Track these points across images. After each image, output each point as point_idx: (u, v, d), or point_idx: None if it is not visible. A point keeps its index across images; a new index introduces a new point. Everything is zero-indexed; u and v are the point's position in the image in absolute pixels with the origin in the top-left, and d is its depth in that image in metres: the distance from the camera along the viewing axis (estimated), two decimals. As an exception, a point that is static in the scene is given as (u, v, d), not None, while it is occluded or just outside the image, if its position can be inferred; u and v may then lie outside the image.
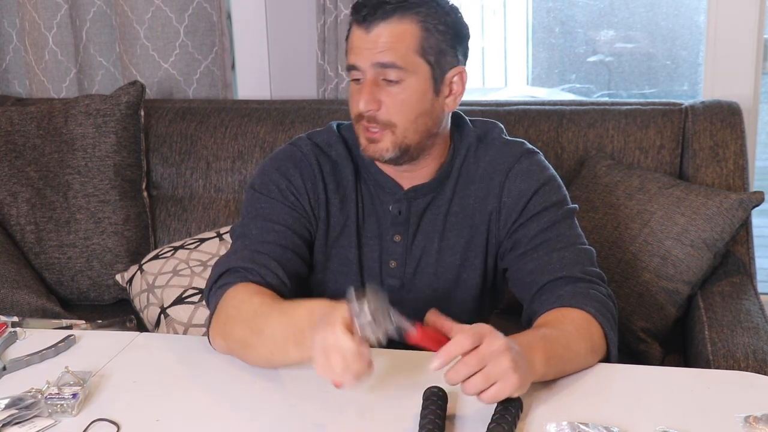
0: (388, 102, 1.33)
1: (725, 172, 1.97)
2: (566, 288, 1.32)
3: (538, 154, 1.45)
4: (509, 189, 1.41)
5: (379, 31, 1.31)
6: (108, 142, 2.22)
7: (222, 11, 2.49)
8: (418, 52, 1.32)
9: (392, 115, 1.33)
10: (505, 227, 1.41)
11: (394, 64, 1.31)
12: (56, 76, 2.61)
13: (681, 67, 3.24)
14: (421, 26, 1.32)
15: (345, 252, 1.45)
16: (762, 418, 1.07)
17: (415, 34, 1.32)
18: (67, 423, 1.14)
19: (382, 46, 1.31)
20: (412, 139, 1.35)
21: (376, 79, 1.32)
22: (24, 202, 2.23)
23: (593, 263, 1.39)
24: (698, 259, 1.80)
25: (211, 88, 2.54)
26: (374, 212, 1.44)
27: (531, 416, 1.11)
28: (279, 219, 1.40)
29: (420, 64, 1.33)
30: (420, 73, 1.33)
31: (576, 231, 1.41)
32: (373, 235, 1.44)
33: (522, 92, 3.60)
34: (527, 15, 3.77)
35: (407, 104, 1.33)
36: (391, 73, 1.31)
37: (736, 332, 1.59)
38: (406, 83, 1.32)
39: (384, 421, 1.09)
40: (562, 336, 1.23)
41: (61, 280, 2.23)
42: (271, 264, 1.35)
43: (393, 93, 1.32)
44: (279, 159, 1.45)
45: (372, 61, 1.31)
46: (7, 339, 1.38)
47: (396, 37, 1.31)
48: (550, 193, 1.41)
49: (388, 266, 1.45)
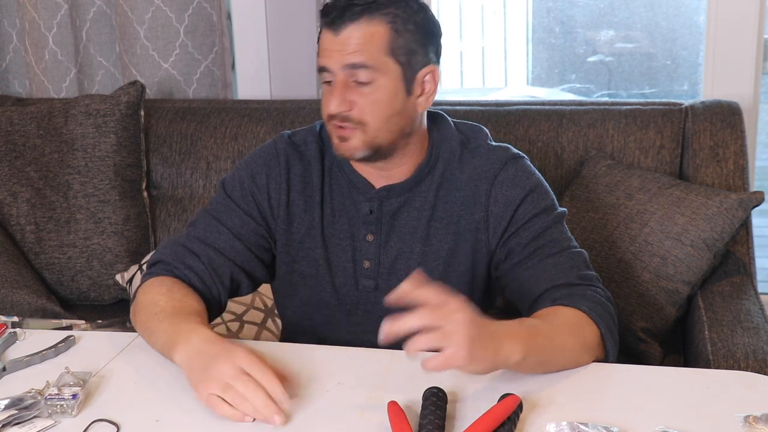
0: (360, 102, 1.33)
1: (725, 172, 1.97)
2: (563, 291, 1.33)
3: (524, 158, 1.44)
4: (495, 197, 1.40)
5: (348, 32, 1.31)
6: (108, 142, 2.22)
7: (222, 11, 2.49)
8: (388, 53, 1.32)
9: (364, 115, 1.34)
10: (495, 236, 1.40)
11: (363, 65, 1.31)
12: (56, 76, 2.61)
13: (681, 67, 3.25)
14: (390, 27, 1.32)
15: (311, 253, 1.45)
16: (762, 418, 1.07)
17: (384, 35, 1.31)
18: (67, 423, 1.13)
19: (351, 48, 1.31)
20: (383, 138, 1.35)
21: (347, 81, 1.33)
22: (24, 202, 2.23)
23: (588, 266, 1.39)
24: (698, 259, 1.80)
25: (211, 88, 2.54)
26: (346, 212, 1.44)
27: (531, 416, 1.11)
28: (228, 222, 1.45)
29: (390, 64, 1.33)
30: (390, 74, 1.33)
31: (566, 235, 1.41)
32: (345, 236, 1.44)
33: (522, 92, 3.61)
34: (527, 15, 3.77)
35: (379, 104, 1.33)
36: (361, 74, 1.32)
37: (736, 332, 1.59)
38: (377, 84, 1.32)
39: (384, 421, 1.09)
40: (547, 328, 1.22)
41: (61, 280, 2.23)
42: (198, 267, 1.41)
43: (364, 93, 1.33)
44: (255, 155, 1.48)
45: (342, 63, 1.32)
46: (7, 339, 1.38)
47: (365, 38, 1.31)
48: (539, 200, 1.40)
49: (362, 266, 1.44)
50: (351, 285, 1.44)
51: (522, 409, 1.10)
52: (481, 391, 1.18)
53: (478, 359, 1.09)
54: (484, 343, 1.10)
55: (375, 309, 1.44)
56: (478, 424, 1.05)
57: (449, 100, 2.32)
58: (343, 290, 1.45)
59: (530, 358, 1.17)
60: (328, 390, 1.19)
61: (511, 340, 1.15)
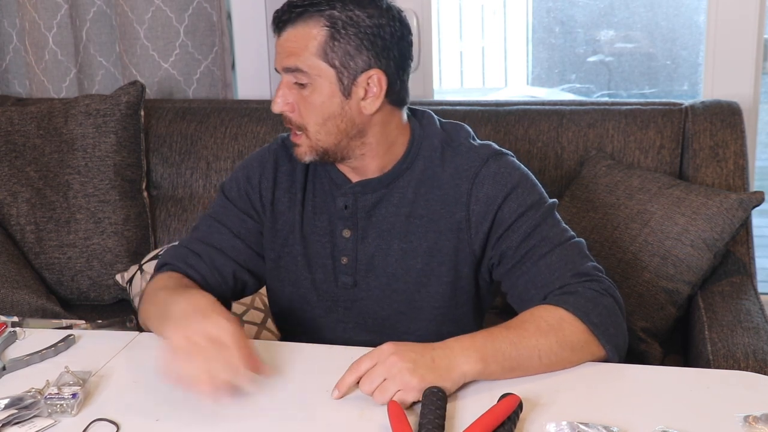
0: (299, 104, 1.35)
1: (725, 172, 1.97)
2: (554, 297, 1.30)
3: (507, 155, 1.42)
4: (476, 196, 1.38)
5: (286, 35, 1.34)
6: (108, 142, 2.22)
7: (222, 11, 2.49)
8: (320, 56, 1.32)
9: (303, 118, 1.36)
10: (478, 236, 1.39)
11: (297, 68, 1.33)
12: (56, 76, 2.61)
13: (681, 67, 3.24)
14: (327, 31, 1.31)
15: (292, 250, 1.47)
16: (762, 418, 1.07)
17: (318, 38, 1.31)
18: (66, 423, 1.14)
19: (287, 51, 1.33)
20: (325, 141, 1.36)
21: (290, 83, 1.35)
22: (24, 202, 2.23)
23: (584, 256, 1.36)
24: (698, 259, 1.80)
25: (211, 88, 2.54)
26: (326, 209, 1.45)
27: (531, 416, 1.11)
28: (227, 222, 1.49)
29: (323, 67, 1.33)
30: (324, 77, 1.33)
31: (559, 227, 1.38)
32: (325, 232, 1.45)
33: (522, 92, 3.61)
34: (527, 15, 3.77)
35: (314, 107, 1.34)
36: (299, 77, 1.34)
37: (736, 332, 1.59)
38: (313, 86, 1.34)
39: (384, 421, 1.09)
40: (512, 333, 1.22)
41: (61, 280, 2.23)
42: (200, 266, 1.45)
43: (303, 95, 1.35)
44: (252, 157, 1.53)
45: (281, 66, 1.35)
46: (7, 339, 1.38)
47: (298, 41, 1.32)
48: (523, 196, 1.37)
49: (340, 263, 1.45)
50: (330, 281, 1.45)
51: (522, 409, 1.10)
52: (481, 391, 1.18)
53: (432, 380, 1.13)
54: (430, 365, 1.15)
55: (354, 306, 1.46)
56: (478, 424, 1.05)
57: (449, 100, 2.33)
58: (323, 287, 1.46)
59: (492, 365, 1.18)
60: (327, 390, 1.19)
61: (464, 352, 1.18)
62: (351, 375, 1.16)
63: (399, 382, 1.13)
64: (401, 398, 1.12)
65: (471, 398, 1.16)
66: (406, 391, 1.13)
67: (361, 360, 1.17)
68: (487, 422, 1.05)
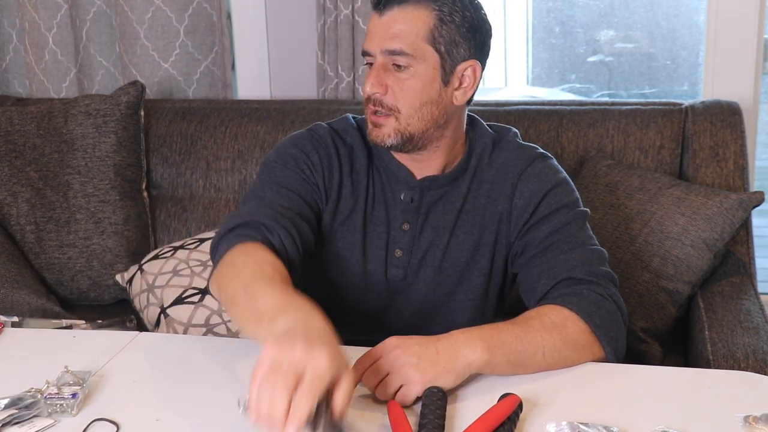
0: (395, 87, 1.34)
1: (725, 172, 1.97)
2: (561, 290, 1.32)
3: (552, 158, 1.47)
4: (521, 191, 1.42)
5: (392, 15, 1.33)
6: (108, 142, 2.22)
7: (222, 11, 2.49)
8: (428, 40, 1.33)
9: (397, 100, 1.35)
10: (516, 228, 1.42)
11: (402, 51, 1.32)
12: (56, 76, 2.61)
13: (681, 67, 3.25)
14: (436, 15, 1.33)
15: (350, 236, 1.45)
16: (762, 418, 1.07)
17: (428, 22, 1.33)
18: (66, 423, 1.13)
19: (392, 33, 1.33)
20: (415, 127, 1.36)
21: (386, 64, 1.35)
22: (24, 202, 2.23)
23: (602, 263, 1.37)
24: (698, 259, 1.80)
25: (211, 88, 2.54)
26: (384, 200, 1.45)
27: (531, 416, 1.11)
28: (294, 187, 1.40)
29: (429, 52, 1.34)
30: (428, 61, 1.34)
31: (586, 233, 1.41)
32: (381, 223, 1.45)
33: (522, 92, 3.61)
34: (527, 15, 3.77)
35: (413, 90, 1.34)
36: (399, 59, 1.33)
37: (736, 332, 1.59)
38: (414, 69, 1.34)
39: (384, 421, 1.09)
40: (518, 328, 1.23)
41: (61, 280, 2.23)
42: (291, 229, 1.32)
43: (400, 78, 1.34)
44: (296, 138, 1.46)
45: (381, 48, 1.34)
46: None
47: (407, 23, 1.32)
48: (561, 195, 1.41)
49: (393, 255, 1.45)
50: (381, 272, 1.45)
51: (522, 409, 1.10)
52: (481, 391, 1.18)
53: (434, 374, 1.13)
54: (434, 357, 1.14)
55: (398, 297, 1.46)
56: (478, 424, 1.05)
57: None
58: (374, 277, 1.46)
59: (498, 356, 1.18)
60: (327, 390, 1.18)
61: (469, 342, 1.17)
62: (355, 370, 1.15)
63: (402, 376, 1.13)
64: (405, 393, 1.12)
65: (471, 398, 1.16)
66: (409, 386, 1.13)
67: (366, 355, 1.17)
68: (487, 422, 1.05)
